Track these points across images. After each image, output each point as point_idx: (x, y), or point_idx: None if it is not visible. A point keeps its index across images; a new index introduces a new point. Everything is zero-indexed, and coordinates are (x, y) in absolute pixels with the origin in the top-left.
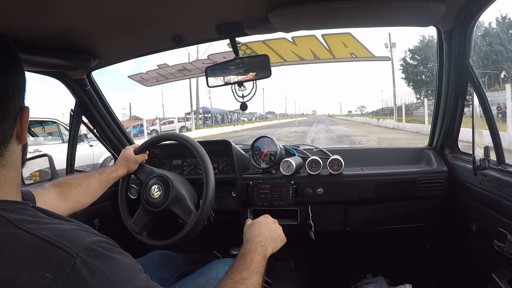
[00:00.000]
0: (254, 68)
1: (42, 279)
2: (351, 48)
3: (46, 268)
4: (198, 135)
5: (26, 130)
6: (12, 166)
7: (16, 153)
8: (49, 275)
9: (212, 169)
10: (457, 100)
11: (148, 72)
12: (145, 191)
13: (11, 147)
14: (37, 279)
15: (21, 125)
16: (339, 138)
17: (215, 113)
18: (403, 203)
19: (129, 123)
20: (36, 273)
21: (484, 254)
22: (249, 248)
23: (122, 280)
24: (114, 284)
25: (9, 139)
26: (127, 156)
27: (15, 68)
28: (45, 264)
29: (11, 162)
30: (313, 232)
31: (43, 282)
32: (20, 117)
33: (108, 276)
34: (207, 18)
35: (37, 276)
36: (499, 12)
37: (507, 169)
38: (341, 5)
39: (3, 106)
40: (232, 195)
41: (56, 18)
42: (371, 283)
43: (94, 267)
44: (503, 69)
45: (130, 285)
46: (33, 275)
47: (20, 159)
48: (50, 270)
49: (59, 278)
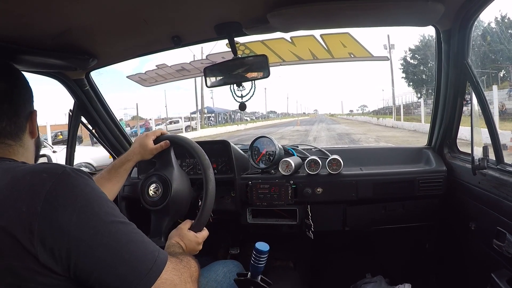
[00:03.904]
0: (253, 68)
1: (40, 178)
2: (349, 48)
3: (43, 172)
4: (203, 134)
5: (36, 128)
6: (27, 151)
7: (30, 144)
8: (45, 175)
9: (212, 172)
10: (456, 100)
11: (146, 72)
12: (142, 190)
13: (25, 137)
14: (37, 180)
15: (32, 123)
16: (340, 136)
17: (219, 112)
18: (402, 203)
19: (136, 122)
20: (36, 176)
21: (483, 253)
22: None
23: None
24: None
25: (24, 130)
26: (143, 144)
27: (19, 84)
28: (43, 171)
29: (26, 147)
30: (312, 231)
31: (41, 180)
32: (30, 118)
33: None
34: (205, 18)
35: (37, 178)
36: (498, 12)
37: (506, 168)
38: (339, 5)
39: (15, 106)
40: (231, 195)
41: (55, 18)
42: (370, 283)
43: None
44: (502, 68)
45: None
46: (33, 176)
47: (33, 151)
48: (47, 173)
49: (52, 175)
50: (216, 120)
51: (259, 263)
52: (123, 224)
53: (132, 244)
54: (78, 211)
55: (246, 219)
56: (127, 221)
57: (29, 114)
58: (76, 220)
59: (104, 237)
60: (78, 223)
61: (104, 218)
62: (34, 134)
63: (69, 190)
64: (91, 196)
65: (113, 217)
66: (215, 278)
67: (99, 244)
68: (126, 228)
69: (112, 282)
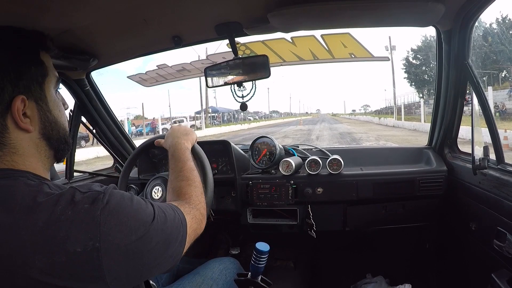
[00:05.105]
0: (254, 69)
1: (83, 210)
2: (350, 48)
3: (83, 202)
4: (208, 133)
5: (20, 118)
6: (25, 157)
7: (26, 141)
8: (87, 205)
9: (211, 172)
10: (456, 100)
11: (147, 73)
12: (146, 191)
13: (13, 135)
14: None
15: (17, 114)
16: (341, 135)
17: (223, 112)
18: (403, 203)
19: (142, 122)
20: (77, 207)
21: (483, 253)
22: (173, 150)
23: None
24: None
25: (6, 128)
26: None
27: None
28: (82, 200)
29: (22, 152)
30: (314, 231)
31: (84, 211)
32: (11, 107)
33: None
34: (206, 18)
35: (78, 209)
36: (499, 13)
37: (506, 168)
38: (340, 5)
39: None
40: (231, 195)
41: (56, 18)
42: (371, 283)
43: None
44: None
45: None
46: (74, 209)
47: (37, 147)
48: (88, 202)
49: (95, 205)
50: (221, 120)
51: (259, 263)
52: (158, 223)
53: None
54: (133, 229)
55: (247, 219)
56: (155, 209)
57: (9, 102)
58: (134, 238)
59: (156, 236)
60: (134, 240)
61: (149, 219)
62: (26, 127)
63: (118, 213)
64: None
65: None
66: (211, 276)
67: (149, 250)
68: (160, 218)
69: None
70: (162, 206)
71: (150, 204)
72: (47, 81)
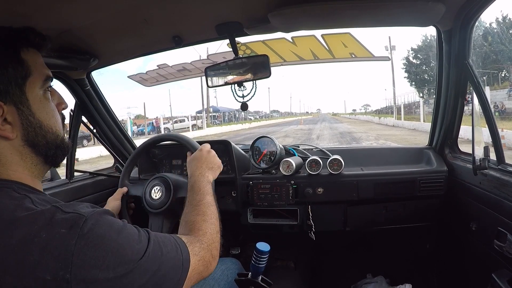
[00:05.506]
0: (254, 68)
1: (59, 235)
2: (350, 48)
3: (61, 226)
4: (209, 133)
5: (8, 124)
6: (10, 162)
7: (7, 149)
8: (64, 230)
9: None
10: (457, 100)
11: (147, 72)
12: (145, 192)
13: None
14: (54, 235)
15: None
16: (342, 134)
17: (224, 111)
18: (403, 203)
19: (144, 121)
20: (53, 230)
21: (484, 253)
22: (193, 180)
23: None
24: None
25: None
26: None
27: None
28: (60, 223)
29: (5, 158)
30: (313, 232)
31: (59, 237)
32: None
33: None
34: (206, 18)
35: (54, 233)
36: (500, 12)
37: (507, 168)
38: (340, 5)
39: None
40: (232, 195)
41: (56, 18)
42: (371, 283)
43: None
44: (503, 69)
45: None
46: (49, 232)
47: (21, 155)
48: (65, 227)
49: (72, 232)
50: (222, 119)
51: (259, 263)
52: (149, 259)
53: (163, 268)
54: (111, 265)
55: (247, 219)
56: (149, 245)
57: None
58: (112, 275)
59: (142, 277)
60: (111, 277)
61: (135, 258)
62: (5, 134)
63: (97, 245)
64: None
65: (141, 252)
66: (213, 276)
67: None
68: (153, 256)
69: None
70: (163, 241)
71: (147, 237)
72: (30, 81)
